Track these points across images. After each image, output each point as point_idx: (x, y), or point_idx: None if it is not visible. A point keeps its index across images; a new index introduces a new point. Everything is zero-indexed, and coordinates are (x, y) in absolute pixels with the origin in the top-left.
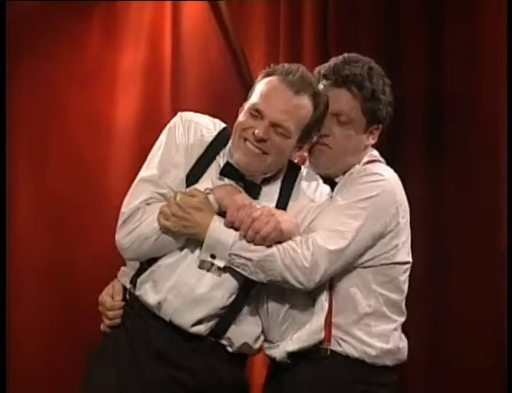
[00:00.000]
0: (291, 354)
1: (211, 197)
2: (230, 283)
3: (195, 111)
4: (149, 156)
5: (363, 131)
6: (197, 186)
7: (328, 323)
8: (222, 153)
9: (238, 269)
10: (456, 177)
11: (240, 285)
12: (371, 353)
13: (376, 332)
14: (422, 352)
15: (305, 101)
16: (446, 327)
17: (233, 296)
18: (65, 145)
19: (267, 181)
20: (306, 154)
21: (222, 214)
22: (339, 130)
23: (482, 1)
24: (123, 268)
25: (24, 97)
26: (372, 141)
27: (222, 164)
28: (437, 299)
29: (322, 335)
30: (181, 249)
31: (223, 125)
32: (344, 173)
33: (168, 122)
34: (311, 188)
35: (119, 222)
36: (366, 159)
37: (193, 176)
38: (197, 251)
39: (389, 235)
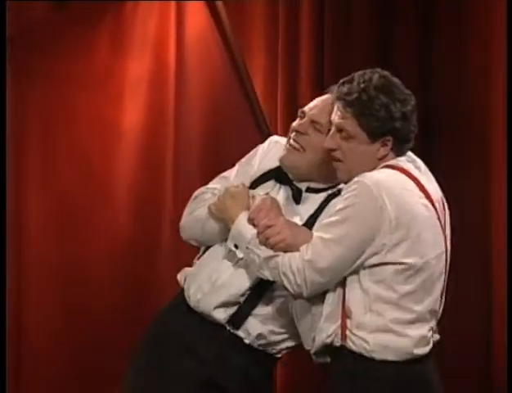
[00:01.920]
0: (318, 354)
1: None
2: (251, 273)
3: (196, 117)
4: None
5: (367, 143)
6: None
7: (342, 321)
8: None
9: (250, 263)
10: (447, 176)
11: (259, 279)
12: (367, 347)
13: (371, 328)
14: None
15: None
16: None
17: (252, 286)
18: (73, 149)
19: (314, 192)
20: None
21: None
22: (344, 144)
23: (471, 2)
24: (185, 268)
25: (34, 103)
26: (384, 152)
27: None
28: None
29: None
30: (222, 243)
31: None
32: None
33: (172, 128)
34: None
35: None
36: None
37: (254, 183)
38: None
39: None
